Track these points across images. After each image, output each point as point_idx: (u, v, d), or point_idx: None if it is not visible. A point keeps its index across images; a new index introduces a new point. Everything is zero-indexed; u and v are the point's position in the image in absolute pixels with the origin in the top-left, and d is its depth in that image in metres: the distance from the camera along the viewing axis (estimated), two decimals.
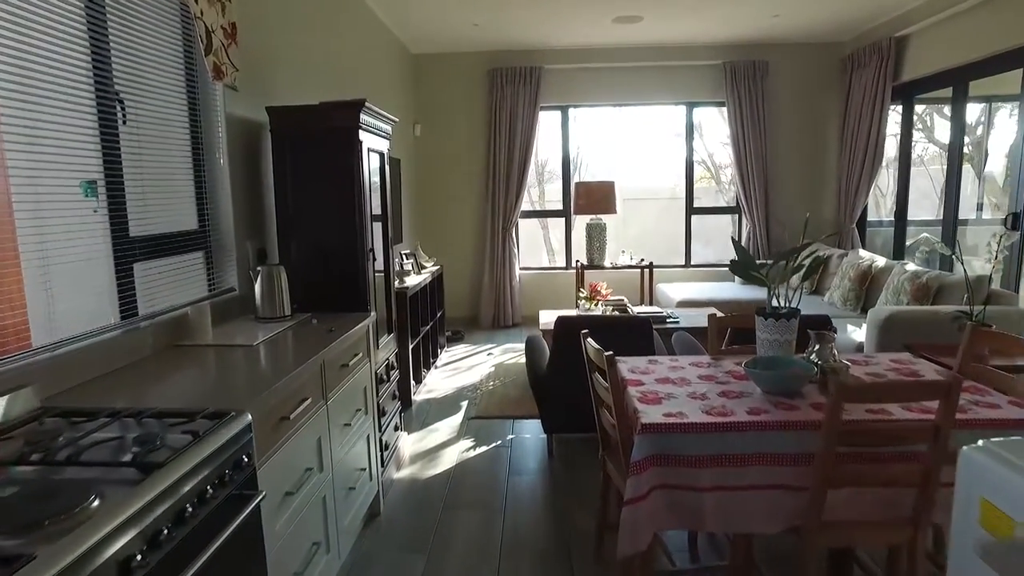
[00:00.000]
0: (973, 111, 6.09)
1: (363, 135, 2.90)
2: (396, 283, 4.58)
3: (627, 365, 2.49)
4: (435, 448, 3.74)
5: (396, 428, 3.48)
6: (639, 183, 9.21)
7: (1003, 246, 3.45)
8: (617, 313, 4.97)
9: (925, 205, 6.67)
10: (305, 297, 2.91)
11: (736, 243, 2.37)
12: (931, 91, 5.57)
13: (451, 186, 7.00)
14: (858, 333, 4.31)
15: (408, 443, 3.80)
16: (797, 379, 2.10)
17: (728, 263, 2.39)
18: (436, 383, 5.01)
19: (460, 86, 6.83)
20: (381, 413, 3.11)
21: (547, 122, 7.06)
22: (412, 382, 4.56)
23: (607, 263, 6.48)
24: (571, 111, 6.99)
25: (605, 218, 6.45)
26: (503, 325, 6.91)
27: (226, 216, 2.79)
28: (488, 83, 6.71)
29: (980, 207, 5.98)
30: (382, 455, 3.10)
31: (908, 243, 6.17)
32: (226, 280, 2.81)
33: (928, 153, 6.73)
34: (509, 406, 4.41)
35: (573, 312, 5.23)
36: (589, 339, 2.31)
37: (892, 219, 6.18)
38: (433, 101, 6.86)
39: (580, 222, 7.00)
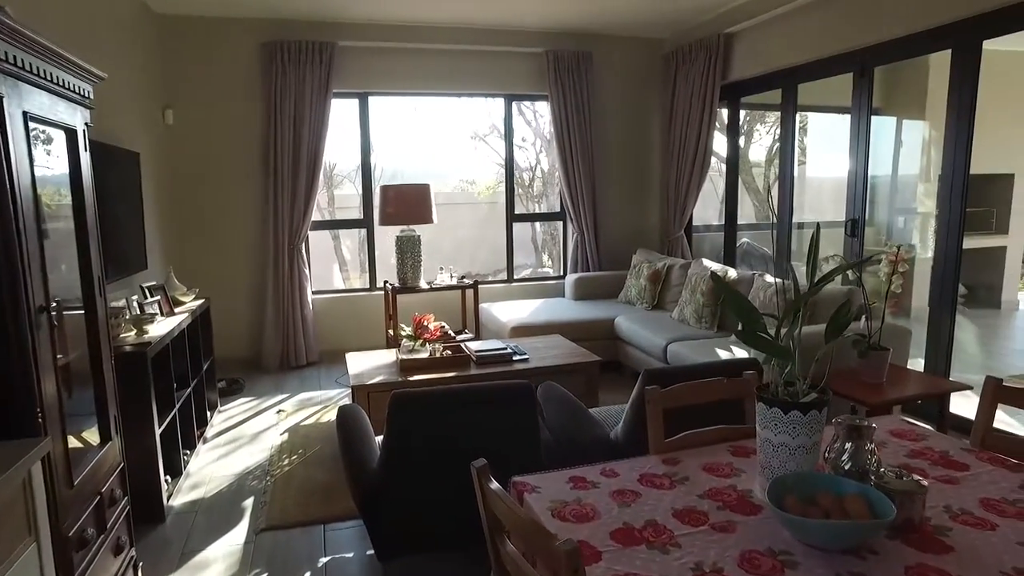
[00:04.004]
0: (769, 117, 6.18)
1: (8, 87, 1.50)
2: (132, 336, 3.06)
3: (541, 498, 1.45)
4: None
5: None
6: (447, 186, 8.34)
7: (904, 259, 3.00)
8: (450, 353, 3.91)
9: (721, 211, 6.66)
10: None
11: (722, 282, 1.45)
12: (759, 93, 5.34)
13: (219, 191, 5.37)
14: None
15: None
16: (869, 531, 1.22)
17: (545, 275, 1.45)
18: (206, 469, 3.52)
19: (228, 62, 5.25)
20: None
21: (341, 113, 5.78)
22: (165, 480, 3.06)
23: (423, 283, 5.38)
24: (371, 99, 5.77)
25: (419, 229, 5.35)
26: (295, 365, 5.47)
27: None
28: (266, 60, 5.23)
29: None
30: None
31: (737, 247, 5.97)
32: None
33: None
34: (315, 500, 3.12)
35: (389, 354, 4.07)
36: (493, 483, 1.22)
37: (721, 223, 5.94)
38: (191, 80, 5.19)
39: (384, 234, 5.82)
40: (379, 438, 2.44)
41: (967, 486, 1.50)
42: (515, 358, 3.86)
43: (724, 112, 5.78)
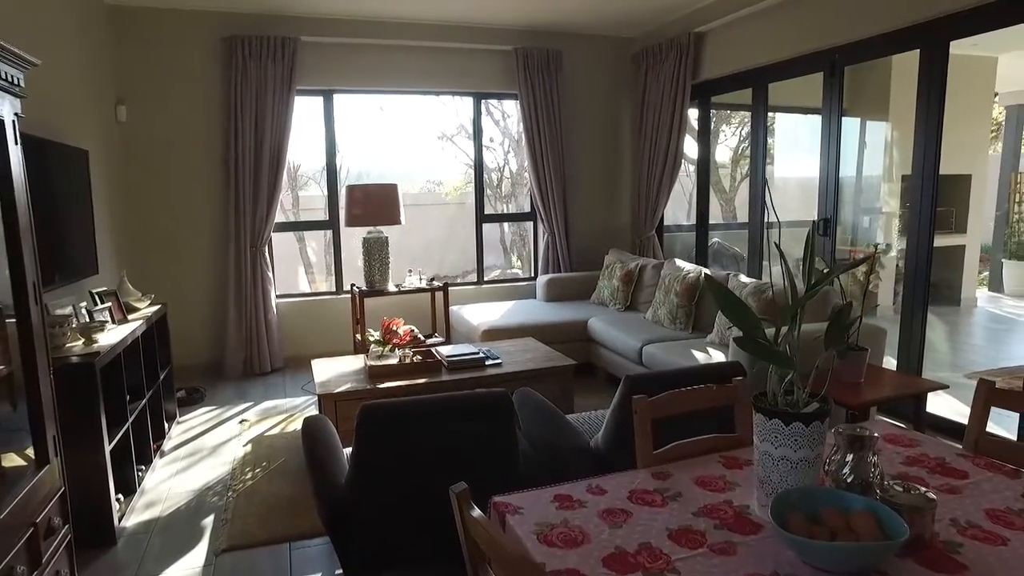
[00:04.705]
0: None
1: None
2: (79, 346, 2.86)
3: (524, 520, 1.33)
4: None
5: None
6: (414, 187, 8.18)
7: (880, 259, 2.98)
8: (420, 359, 3.77)
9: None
10: None
11: (718, 287, 1.36)
12: (730, 92, 5.31)
13: (176, 191, 5.14)
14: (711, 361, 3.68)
15: None
16: (883, 552, 1.13)
17: (504, 275, 1.36)
18: (162, 485, 3.32)
19: (186, 56, 5.02)
20: None
21: (306, 112, 5.58)
22: (116, 500, 2.86)
23: (391, 285, 5.23)
24: (336, 97, 5.60)
25: (386, 230, 5.20)
26: (259, 373, 5.26)
27: None
28: (225, 55, 5.03)
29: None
30: None
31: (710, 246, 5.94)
32: None
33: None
34: (279, 516, 2.96)
35: (357, 360, 3.91)
36: (475, 511, 1.11)
37: (693, 223, 5.91)
38: (146, 75, 4.94)
39: (351, 235, 5.65)
40: (347, 450, 2.31)
41: (970, 496, 1.43)
42: (488, 363, 3.75)
43: (694, 112, 5.75)
